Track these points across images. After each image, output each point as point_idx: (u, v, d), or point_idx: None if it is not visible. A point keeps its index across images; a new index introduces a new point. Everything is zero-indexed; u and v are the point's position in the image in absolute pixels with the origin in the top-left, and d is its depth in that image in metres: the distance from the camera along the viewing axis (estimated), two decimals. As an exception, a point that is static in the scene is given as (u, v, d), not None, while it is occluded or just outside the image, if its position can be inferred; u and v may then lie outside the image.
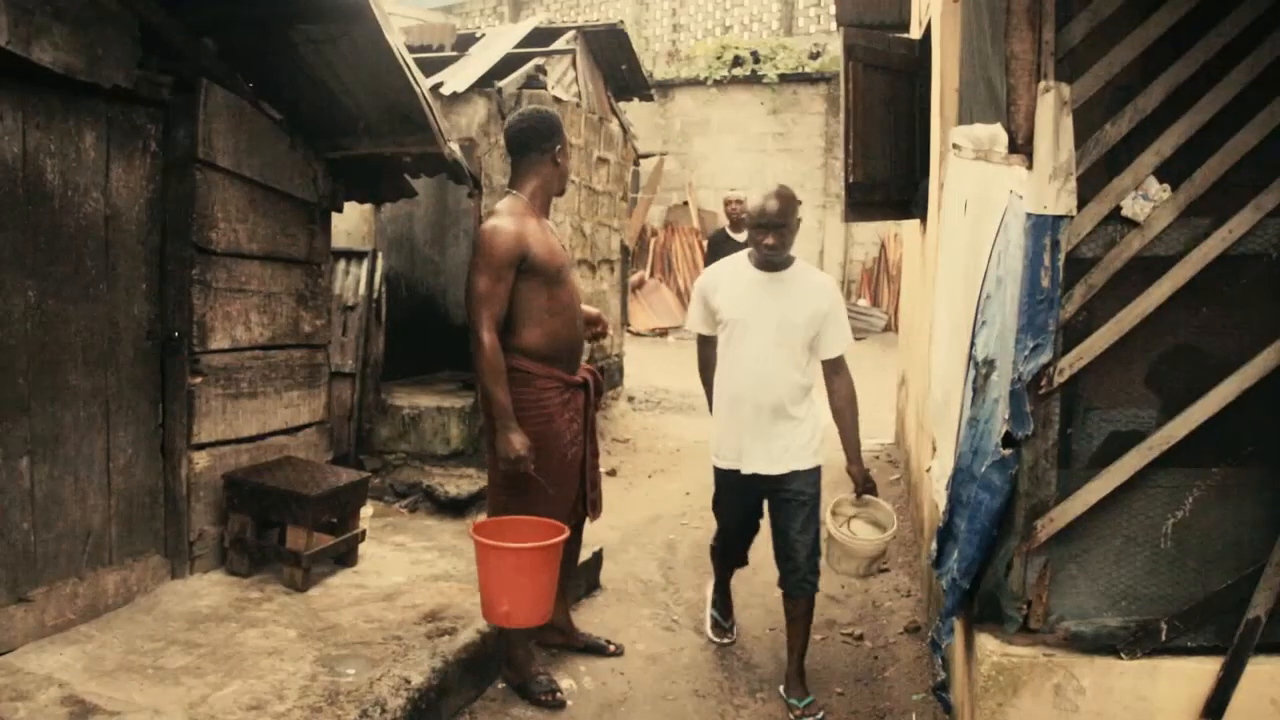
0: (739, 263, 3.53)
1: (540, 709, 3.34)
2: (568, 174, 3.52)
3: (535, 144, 3.36)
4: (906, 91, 5.77)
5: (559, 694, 3.40)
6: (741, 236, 7.51)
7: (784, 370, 3.40)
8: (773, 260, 3.41)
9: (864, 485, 3.53)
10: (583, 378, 3.50)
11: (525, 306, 3.27)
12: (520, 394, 3.26)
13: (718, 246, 7.60)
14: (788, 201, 3.37)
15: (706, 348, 3.64)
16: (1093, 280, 2.48)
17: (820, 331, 3.43)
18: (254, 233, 4.07)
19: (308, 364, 4.51)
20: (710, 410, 3.65)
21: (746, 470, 3.46)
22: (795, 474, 3.45)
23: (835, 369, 3.53)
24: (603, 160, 7.55)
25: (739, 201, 7.64)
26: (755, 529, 3.76)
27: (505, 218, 3.26)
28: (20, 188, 3.11)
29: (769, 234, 3.35)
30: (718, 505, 3.77)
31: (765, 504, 3.58)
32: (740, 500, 3.63)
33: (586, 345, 4.00)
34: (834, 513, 3.50)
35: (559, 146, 3.40)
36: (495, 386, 3.17)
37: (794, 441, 3.43)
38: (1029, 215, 2.41)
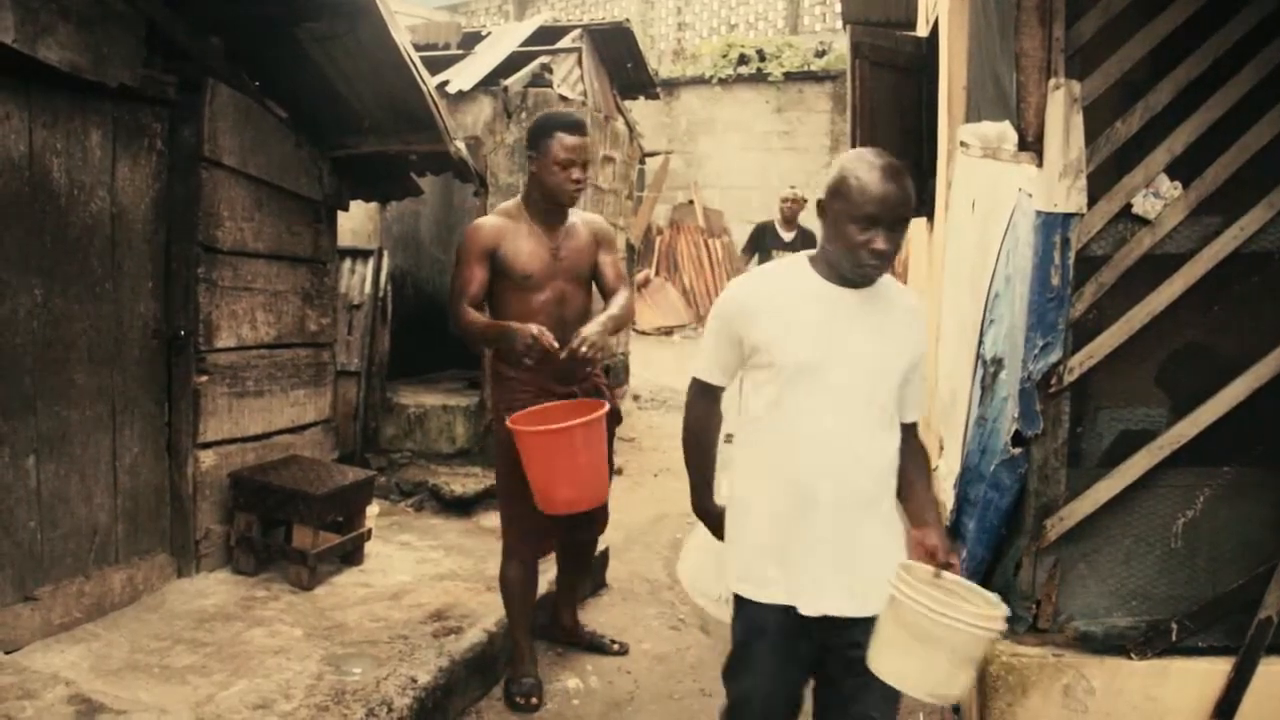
0: (794, 273, 2.18)
1: (513, 710, 3.33)
2: (553, 183, 3.15)
3: (529, 148, 3.23)
4: (913, 89, 5.75)
5: (534, 700, 3.32)
6: (791, 235, 7.56)
7: (880, 442, 2.14)
8: (873, 274, 2.09)
9: (946, 560, 2.12)
10: (572, 390, 3.24)
11: (497, 307, 3.24)
12: (496, 394, 3.33)
13: (759, 239, 7.58)
14: (909, 186, 2.06)
15: (706, 402, 2.31)
16: (1103, 278, 2.46)
17: (907, 380, 2.18)
18: (260, 231, 4.07)
19: (313, 363, 4.51)
20: (701, 498, 2.37)
21: (810, 610, 2.10)
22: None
23: (910, 435, 2.25)
24: (608, 159, 7.53)
25: (795, 201, 7.58)
26: (799, 706, 2.27)
27: (488, 216, 3.37)
28: (26, 186, 3.11)
29: (880, 233, 2.01)
30: (738, 668, 2.24)
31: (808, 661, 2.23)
32: (786, 660, 2.18)
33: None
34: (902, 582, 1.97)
35: (533, 154, 3.18)
36: (479, 331, 3.16)
37: (887, 558, 2.07)
38: (1038, 213, 2.40)
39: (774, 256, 7.46)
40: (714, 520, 2.33)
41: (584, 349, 2.95)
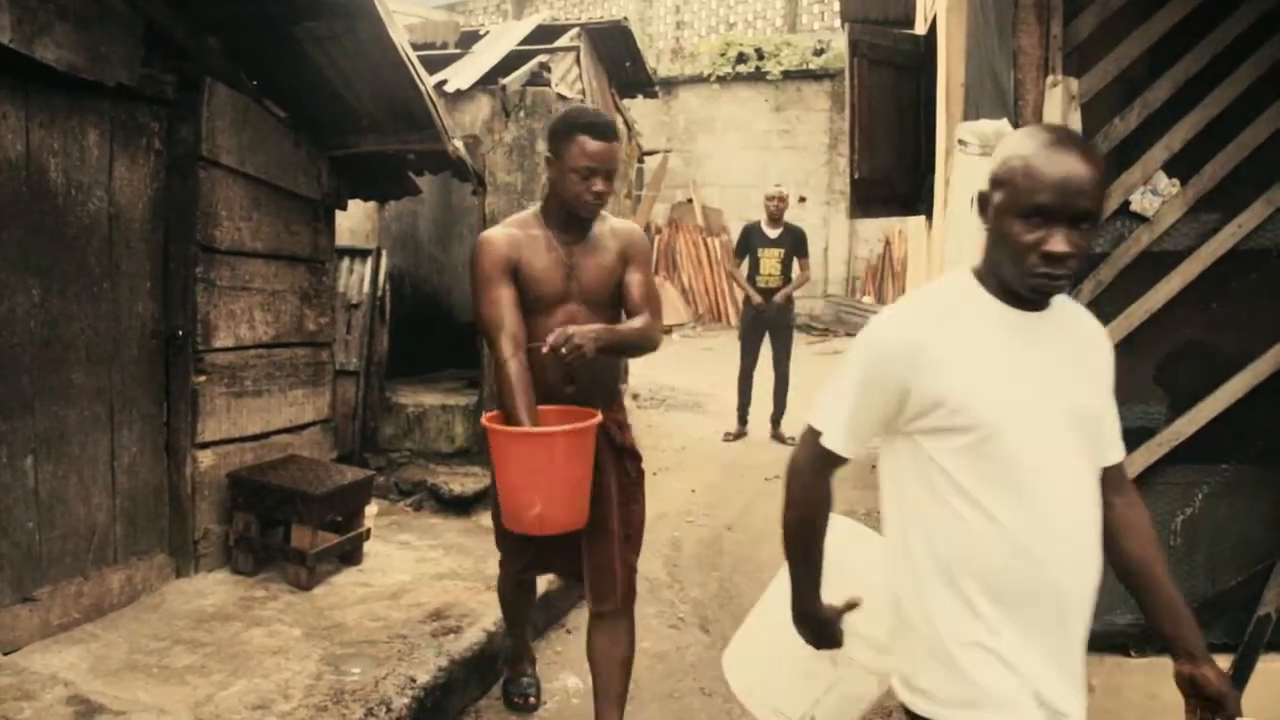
0: (965, 295, 1.64)
1: (511, 710, 3.33)
2: (570, 192, 2.70)
3: (549, 148, 2.77)
4: (912, 87, 5.75)
5: (532, 700, 3.31)
6: (777, 233, 7.44)
7: (1095, 512, 1.65)
8: (1051, 287, 1.56)
9: (1231, 706, 1.61)
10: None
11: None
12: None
13: (746, 240, 7.48)
14: (1098, 164, 1.53)
15: (826, 476, 1.73)
16: (1101, 276, 2.46)
17: (1105, 417, 1.72)
18: (258, 231, 4.07)
19: (312, 362, 4.51)
20: (808, 600, 1.83)
21: None
22: None
23: (1119, 481, 1.76)
24: (607, 157, 7.52)
25: (780, 199, 7.52)
26: None
27: (497, 227, 2.86)
28: (24, 186, 3.11)
29: (1061, 231, 1.50)
30: None
31: None
32: None
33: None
34: None
35: (551, 157, 2.74)
36: (512, 406, 2.59)
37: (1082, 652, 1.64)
38: (1037, 210, 2.40)
39: (761, 256, 7.41)
40: (822, 629, 1.85)
41: (561, 344, 2.47)
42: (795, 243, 7.51)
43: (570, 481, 2.59)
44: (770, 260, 7.43)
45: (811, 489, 1.72)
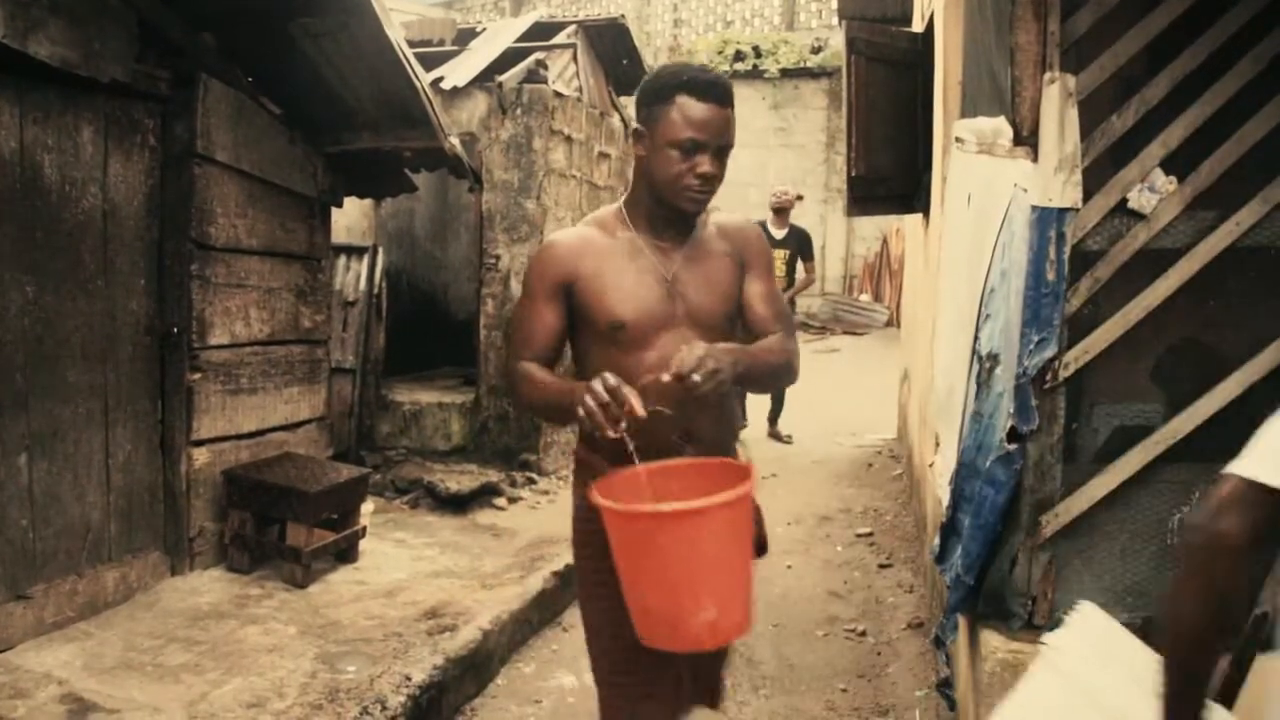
0: None
1: None
2: (665, 176, 1.99)
3: (637, 117, 2.07)
4: (909, 85, 5.74)
5: None
6: (783, 234, 7.41)
7: None
8: None
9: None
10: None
11: (587, 363, 2.09)
12: (574, 485, 2.20)
13: None
14: None
15: (1254, 546, 1.24)
16: (1098, 273, 2.45)
17: None
18: (253, 228, 4.06)
19: (308, 360, 4.50)
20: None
21: None
22: None
23: None
24: (604, 155, 7.51)
25: (788, 198, 7.45)
26: None
27: (566, 229, 2.19)
28: (18, 183, 3.10)
29: None
30: None
31: None
32: None
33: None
34: None
35: (642, 129, 2.04)
36: (534, 392, 2.00)
37: None
38: (1034, 208, 2.39)
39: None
40: None
41: (693, 369, 1.78)
42: (800, 244, 7.49)
43: (747, 567, 1.88)
44: (776, 261, 7.39)
45: (1241, 572, 1.23)
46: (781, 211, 7.47)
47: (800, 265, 7.51)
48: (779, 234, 7.44)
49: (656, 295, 2.02)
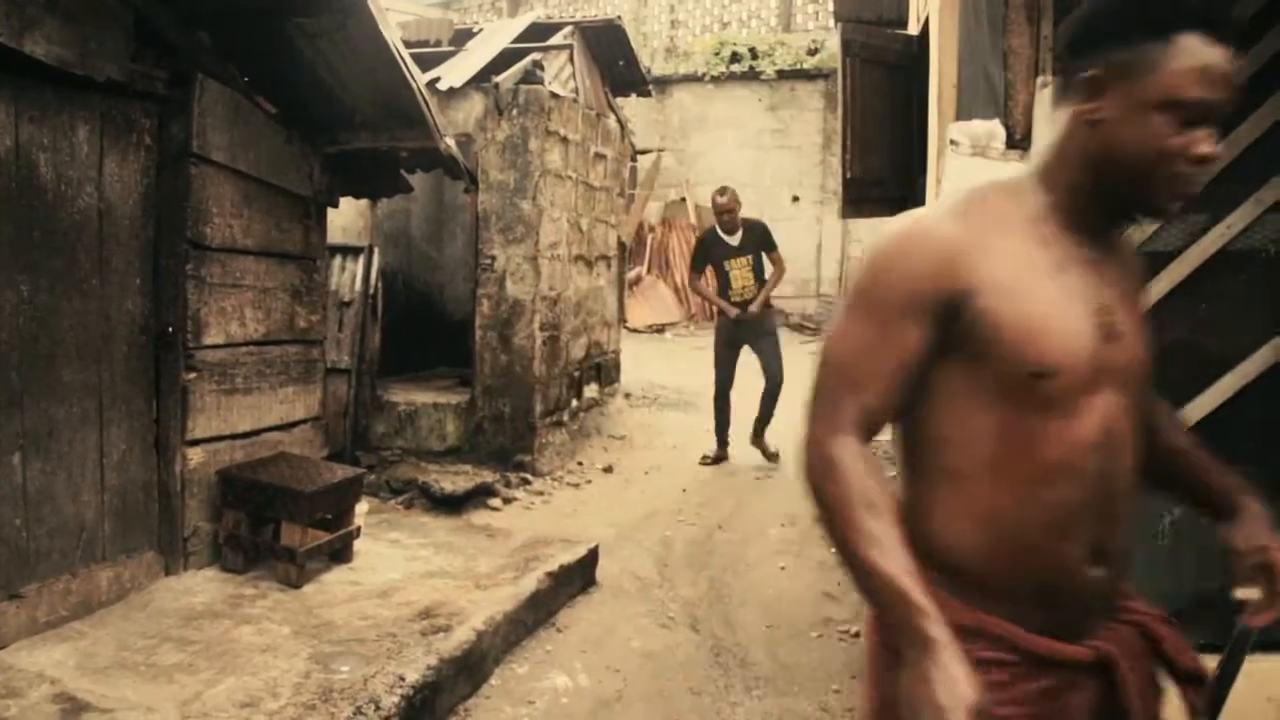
0: None
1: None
2: (1150, 152, 1.29)
3: (1075, 54, 1.38)
4: (904, 87, 5.76)
5: None
6: (736, 240, 6.64)
7: None
8: None
9: None
10: (1097, 649, 1.39)
11: (957, 440, 1.37)
12: (873, 691, 1.52)
13: (708, 250, 6.75)
14: None
15: None
16: (1091, 276, 2.47)
17: None
18: (249, 228, 4.06)
19: (303, 360, 4.50)
20: None
21: None
22: None
23: None
24: (600, 156, 7.53)
25: (730, 207, 6.61)
26: None
27: (937, 214, 1.39)
28: (13, 182, 3.09)
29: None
30: None
31: None
32: None
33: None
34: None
35: (1098, 73, 1.32)
36: (862, 543, 1.26)
37: None
38: (1027, 211, 2.40)
39: (729, 269, 6.64)
40: None
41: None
42: (759, 240, 6.71)
43: None
44: (740, 271, 6.67)
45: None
46: (728, 213, 6.62)
47: (765, 260, 6.73)
48: (734, 240, 6.66)
49: (1091, 333, 1.32)
